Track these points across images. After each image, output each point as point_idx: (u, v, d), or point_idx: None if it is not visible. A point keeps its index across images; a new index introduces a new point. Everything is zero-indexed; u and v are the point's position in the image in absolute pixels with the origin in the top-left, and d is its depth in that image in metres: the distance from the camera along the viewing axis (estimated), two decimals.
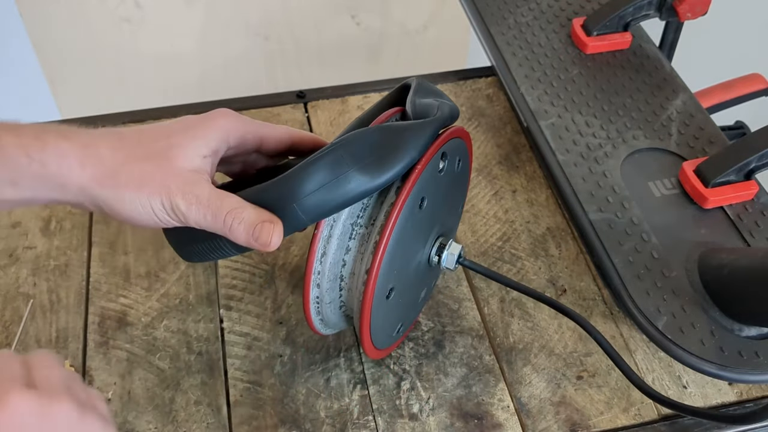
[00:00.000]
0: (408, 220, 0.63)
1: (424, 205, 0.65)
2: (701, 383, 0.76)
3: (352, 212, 0.64)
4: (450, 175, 0.69)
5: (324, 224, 0.63)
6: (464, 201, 0.80)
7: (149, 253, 0.86)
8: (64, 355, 0.77)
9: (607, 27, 0.99)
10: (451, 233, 0.77)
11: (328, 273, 0.65)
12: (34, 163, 0.56)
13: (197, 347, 0.78)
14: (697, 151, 0.87)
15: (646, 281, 0.75)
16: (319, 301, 0.67)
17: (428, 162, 0.63)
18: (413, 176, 0.62)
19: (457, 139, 0.69)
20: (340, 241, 0.65)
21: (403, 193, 0.61)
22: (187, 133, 0.61)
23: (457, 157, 0.70)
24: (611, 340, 0.79)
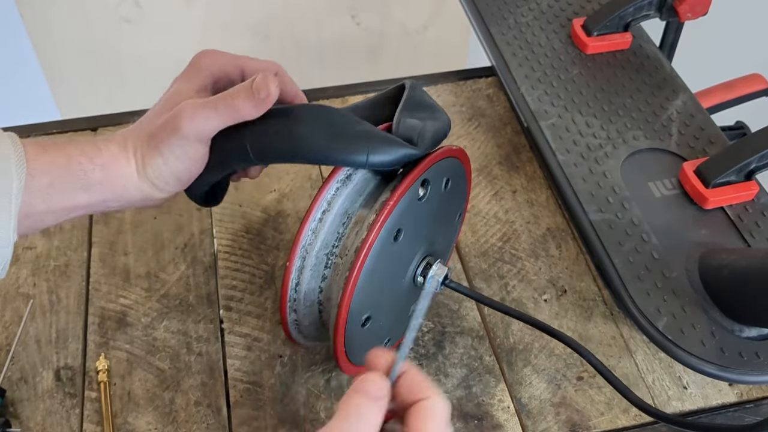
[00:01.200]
0: (382, 254, 0.62)
1: (401, 237, 0.64)
2: (701, 384, 0.76)
3: (326, 242, 0.64)
4: (435, 199, 0.68)
5: (296, 255, 0.63)
6: (462, 214, 0.78)
7: (149, 254, 0.86)
8: (64, 356, 0.77)
9: (608, 27, 0.99)
10: (444, 249, 0.76)
11: (303, 300, 0.65)
12: (96, 168, 0.61)
13: (197, 348, 0.78)
14: (697, 152, 0.87)
15: (646, 282, 0.75)
16: (298, 324, 0.68)
17: (402, 195, 0.61)
18: (384, 212, 0.60)
19: (444, 160, 0.67)
20: (314, 271, 0.64)
21: (373, 229, 0.60)
22: (178, 80, 0.67)
23: (445, 178, 0.68)
24: (611, 340, 0.79)
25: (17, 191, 0.57)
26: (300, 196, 0.91)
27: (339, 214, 0.64)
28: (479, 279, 0.84)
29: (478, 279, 0.84)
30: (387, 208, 0.60)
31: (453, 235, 0.78)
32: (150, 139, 0.62)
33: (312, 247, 0.63)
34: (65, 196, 0.60)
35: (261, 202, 0.91)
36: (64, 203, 0.61)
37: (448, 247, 0.78)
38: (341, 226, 0.64)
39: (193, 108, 0.61)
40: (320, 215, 0.63)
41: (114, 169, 0.62)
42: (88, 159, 0.61)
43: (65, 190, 0.60)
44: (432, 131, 0.64)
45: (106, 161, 0.61)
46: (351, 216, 0.64)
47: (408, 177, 0.62)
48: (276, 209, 0.90)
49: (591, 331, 0.80)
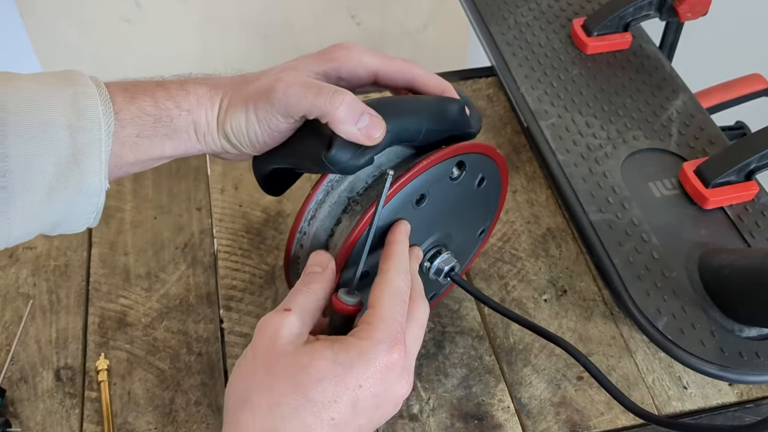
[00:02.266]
0: (400, 212, 0.62)
1: (423, 203, 0.64)
2: (702, 384, 0.76)
3: (352, 186, 0.64)
4: (466, 189, 0.68)
5: (320, 188, 0.63)
6: (485, 232, 0.77)
7: (149, 254, 0.86)
8: (65, 356, 0.77)
9: (608, 27, 0.99)
10: (460, 253, 0.74)
11: (313, 237, 0.65)
12: (183, 113, 0.60)
13: (197, 348, 0.78)
14: (697, 152, 0.87)
15: (646, 282, 0.75)
16: (299, 262, 0.67)
17: (437, 162, 0.62)
18: (415, 168, 0.61)
19: (484, 156, 0.67)
20: (332, 209, 0.64)
21: (399, 180, 0.61)
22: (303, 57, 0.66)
23: (480, 174, 0.68)
24: (611, 340, 0.79)
25: (107, 138, 0.57)
26: (300, 196, 0.91)
27: (373, 165, 0.63)
28: (479, 279, 0.84)
29: (478, 279, 0.84)
30: (418, 167, 0.61)
31: (471, 247, 0.77)
32: (241, 92, 0.61)
33: (338, 185, 0.64)
34: (152, 145, 0.60)
35: (261, 202, 0.91)
36: (151, 153, 0.60)
37: (464, 256, 0.77)
38: (371, 177, 0.64)
39: (294, 80, 0.59)
40: None
41: (198, 115, 0.61)
42: (175, 104, 0.60)
43: (152, 138, 0.60)
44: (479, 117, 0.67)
45: (192, 106, 0.61)
46: (383, 170, 0.64)
47: (448, 148, 0.63)
48: (276, 209, 0.90)
49: (591, 331, 0.80)
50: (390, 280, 0.58)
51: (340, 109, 0.58)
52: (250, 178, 0.92)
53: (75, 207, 0.58)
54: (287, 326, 0.55)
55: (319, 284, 0.59)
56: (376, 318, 0.55)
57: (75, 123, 0.56)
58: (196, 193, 0.92)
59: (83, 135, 0.56)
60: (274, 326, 0.55)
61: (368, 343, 0.54)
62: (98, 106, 0.57)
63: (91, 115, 0.56)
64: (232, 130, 0.61)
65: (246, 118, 0.60)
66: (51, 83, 0.57)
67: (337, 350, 0.53)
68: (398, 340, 0.55)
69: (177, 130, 0.60)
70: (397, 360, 0.54)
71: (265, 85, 0.60)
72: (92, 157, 0.56)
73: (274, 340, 0.55)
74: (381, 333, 0.54)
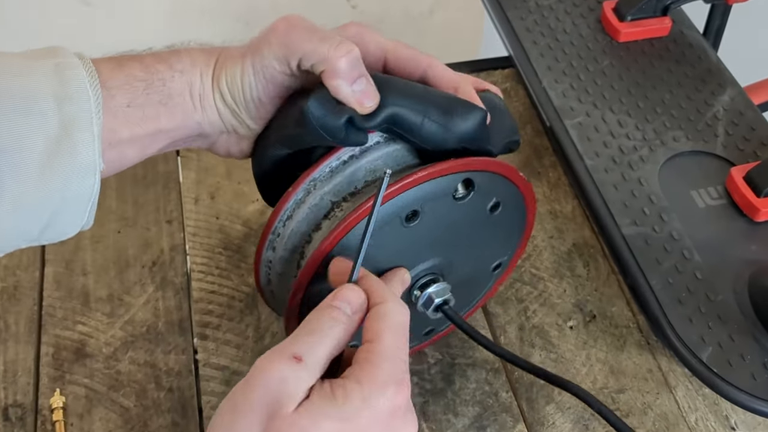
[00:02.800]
0: (384, 227, 0.62)
1: (415, 221, 0.64)
2: (752, 424, 0.76)
3: (338, 188, 0.64)
4: (475, 213, 0.67)
5: (301, 186, 0.64)
6: (502, 268, 0.77)
7: (111, 274, 0.86)
8: (13, 392, 0.77)
9: (643, 11, 0.99)
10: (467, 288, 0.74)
11: (287, 240, 0.65)
12: (176, 74, 0.64)
13: (167, 382, 0.78)
14: (747, 155, 0.87)
15: (688, 306, 0.75)
16: (270, 266, 0.67)
17: (437, 175, 0.62)
18: (408, 179, 0.61)
19: (500, 177, 0.67)
20: (312, 212, 0.64)
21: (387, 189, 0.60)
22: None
23: (494, 198, 0.68)
24: (647, 374, 0.79)
25: (96, 109, 0.60)
26: None
27: (366, 169, 0.64)
28: (494, 302, 0.84)
29: (492, 303, 0.84)
30: (412, 178, 0.61)
31: (480, 286, 0.77)
32: (239, 48, 0.65)
33: (322, 185, 0.64)
34: (146, 115, 0.63)
35: (241, 214, 0.92)
36: (147, 126, 0.63)
37: (469, 295, 0.77)
38: (361, 182, 0.65)
39: (297, 22, 0.63)
40: (347, 158, 0.64)
41: (193, 75, 0.65)
42: (167, 66, 0.64)
43: (145, 107, 0.63)
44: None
45: (186, 67, 0.65)
46: (378, 177, 0.64)
47: (451, 162, 0.63)
48: (259, 222, 0.91)
49: (624, 363, 0.80)
50: (389, 312, 0.57)
51: (342, 60, 0.60)
52: (229, 186, 0.93)
53: (69, 191, 0.60)
54: (294, 383, 0.53)
55: (344, 330, 0.57)
56: (378, 356, 0.55)
57: (60, 92, 0.59)
58: (166, 204, 0.93)
59: (71, 105, 0.59)
60: (279, 379, 0.53)
61: (372, 387, 0.53)
62: (83, 76, 0.60)
63: (76, 84, 0.60)
64: (227, 83, 0.64)
65: (241, 68, 0.64)
66: (30, 56, 0.61)
67: (341, 403, 0.53)
68: (403, 381, 0.55)
69: (171, 95, 0.64)
70: (401, 403, 0.54)
71: (262, 35, 0.64)
72: (83, 128, 0.59)
73: (275, 397, 0.53)
74: (385, 374, 0.54)
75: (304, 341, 0.55)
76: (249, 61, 0.64)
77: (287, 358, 0.54)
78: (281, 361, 0.53)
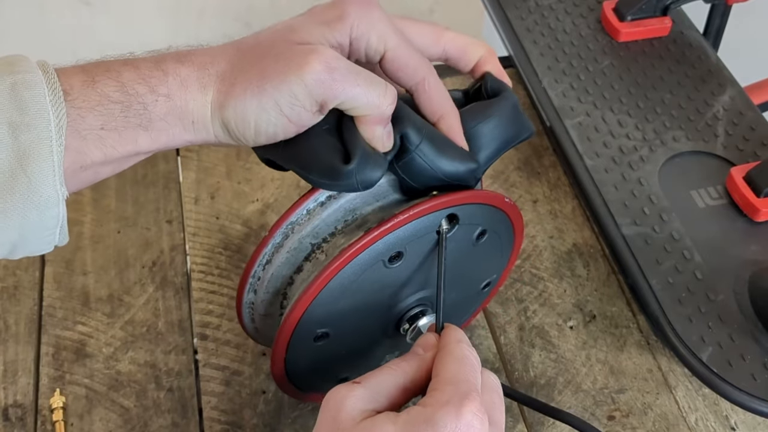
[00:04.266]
0: (368, 270, 0.62)
1: (398, 262, 0.63)
2: (752, 424, 0.76)
3: (317, 231, 0.64)
4: (460, 244, 0.66)
5: (279, 230, 0.63)
6: (492, 286, 0.76)
7: (111, 274, 0.86)
8: (13, 392, 0.77)
9: (643, 11, 0.99)
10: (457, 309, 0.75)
11: (267, 283, 0.65)
12: (160, 98, 0.56)
13: (167, 382, 0.79)
14: (747, 155, 0.87)
15: (688, 306, 0.75)
16: (253, 308, 0.67)
17: (417, 216, 0.61)
18: (389, 223, 0.60)
19: (483, 206, 0.66)
20: (291, 255, 0.64)
21: (367, 236, 0.60)
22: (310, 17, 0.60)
23: (479, 228, 0.67)
24: (647, 374, 0.79)
25: (58, 136, 0.53)
26: (287, 206, 0.92)
27: (344, 209, 0.63)
28: (494, 303, 0.84)
29: (493, 303, 0.84)
30: (393, 222, 0.60)
31: (470, 305, 0.77)
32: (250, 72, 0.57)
33: (300, 229, 0.63)
34: (123, 139, 0.56)
35: (241, 214, 0.92)
36: (123, 149, 0.56)
37: (459, 315, 0.77)
38: (341, 222, 0.64)
39: (335, 61, 0.56)
40: (324, 199, 0.63)
41: (181, 100, 0.57)
42: (149, 88, 0.56)
43: (122, 131, 0.56)
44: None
45: (172, 90, 0.56)
46: (357, 216, 0.64)
47: (434, 200, 0.61)
48: (259, 222, 0.91)
49: (624, 363, 0.80)
50: (452, 350, 0.58)
51: (389, 108, 0.58)
52: (229, 185, 0.93)
53: (27, 222, 0.55)
54: (352, 399, 0.54)
55: (410, 364, 0.58)
56: (441, 382, 0.55)
57: (16, 119, 0.52)
58: (167, 204, 0.93)
59: (27, 133, 0.52)
60: (339, 398, 0.55)
61: (434, 408, 0.53)
62: (45, 97, 0.53)
63: (35, 108, 0.53)
64: (235, 118, 0.57)
65: (258, 105, 0.56)
66: None
67: (402, 423, 0.53)
68: (468, 397, 0.53)
69: (153, 119, 0.56)
70: (471, 421, 0.52)
71: (295, 61, 0.56)
72: (41, 159, 0.53)
73: (336, 413, 0.54)
74: (447, 395, 0.54)
75: (371, 372, 0.57)
76: (270, 99, 0.56)
77: (347, 384, 0.56)
78: (342, 386, 0.56)
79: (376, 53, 0.61)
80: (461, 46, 0.64)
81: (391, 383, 0.57)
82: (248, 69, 0.57)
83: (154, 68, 0.57)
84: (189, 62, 0.58)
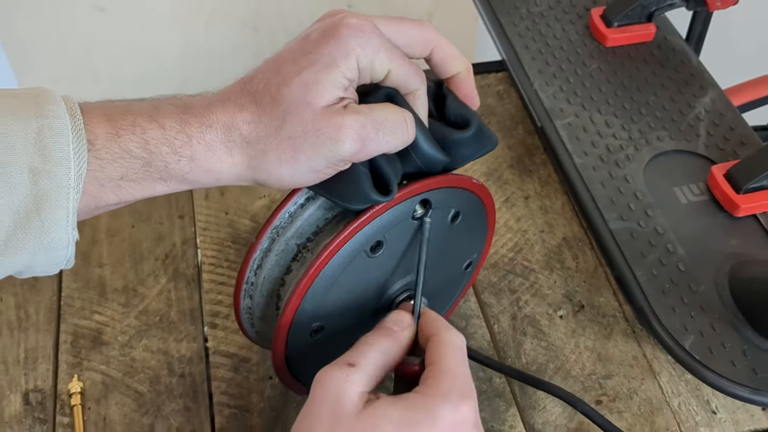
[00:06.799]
0: (352, 262, 0.62)
1: (380, 251, 0.63)
2: (732, 408, 0.77)
3: (300, 231, 0.63)
4: (436, 225, 0.66)
5: (265, 235, 0.63)
6: (474, 265, 0.76)
7: (127, 266, 0.86)
8: (34, 378, 0.77)
9: (629, 17, 0.99)
10: (439, 294, 0.74)
11: (261, 286, 0.65)
12: (183, 159, 0.55)
13: (179, 369, 0.79)
14: (727, 154, 0.87)
15: (671, 296, 0.75)
16: (251, 313, 0.67)
17: (390, 207, 0.61)
18: (365, 216, 0.60)
19: (458, 189, 0.66)
20: (280, 258, 0.64)
21: (346, 230, 0.60)
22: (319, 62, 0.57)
23: (452, 210, 0.67)
24: (633, 361, 0.79)
25: (76, 182, 0.52)
26: None
27: (324, 207, 0.63)
28: (488, 293, 0.84)
29: (487, 293, 0.84)
30: (369, 213, 0.60)
31: (456, 285, 0.77)
32: (281, 142, 0.56)
33: (284, 231, 0.63)
34: (141, 188, 0.55)
35: (249, 209, 0.92)
36: (138, 195, 0.56)
37: (447, 296, 0.77)
38: (322, 221, 0.64)
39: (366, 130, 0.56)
40: (303, 201, 0.63)
41: (206, 163, 0.56)
42: (172, 150, 0.54)
43: (141, 182, 0.55)
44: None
45: (197, 154, 0.55)
46: (336, 213, 0.64)
47: (406, 188, 0.61)
48: (266, 217, 0.91)
49: (611, 351, 0.80)
50: (444, 338, 0.58)
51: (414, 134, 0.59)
52: None
53: (36, 260, 0.53)
54: (351, 384, 0.54)
55: (392, 343, 0.58)
56: (439, 372, 0.55)
57: (38, 165, 0.51)
58: (178, 200, 0.92)
59: (47, 180, 0.51)
60: (338, 383, 0.54)
61: (434, 399, 0.53)
62: (69, 146, 0.51)
63: (58, 156, 0.51)
64: (269, 180, 0.57)
65: (294, 170, 0.56)
66: (12, 110, 0.52)
67: (402, 409, 0.53)
68: (466, 396, 0.54)
69: (173, 175, 0.55)
70: (467, 415, 0.53)
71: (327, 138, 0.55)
72: (57, 206, 0.52)
73: (337, 399, 0.54)
74: (446, 386, 0.54)
75: (356, 351, 0.57)
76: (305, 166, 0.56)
77: (341, 366, 0.55)
78: (336, 369, 0.55)
79: (380, 76, 0.60)
80: (444, 58, 0.63)
81: (379, 362, 0.57)
82: (276, 135, 0.56)
83: (180, 131, 0.55)
84: (215, 126, 0.56)
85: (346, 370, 0.55)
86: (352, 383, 0.54)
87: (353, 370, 0.55)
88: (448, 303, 0.78)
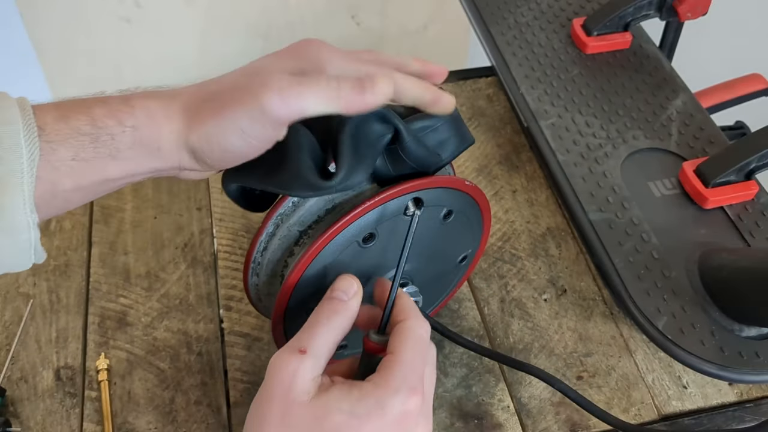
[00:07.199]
0: (345, 250, 0.62)
1: (372, 242, 0.63)
2: (701, 383, 0.76)
3: (302, 219, 0.63)
4: (428, 222, 0.65)
5: (270, 221, 0.63)
6: (469, 259, 0.75)
7: (149, 254, 0.86)
8: (64, 355, 0.77)
9: (608, 27, 0.99)
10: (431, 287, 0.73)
11: (266, 267, 0.65)
12: (127, 129, 0.54)
13: (197, 347, 0.78)
14: (697, 151, 0.87)
15: (646, 281, 0.75)
16: (258, 289, 0.67)
17: (382, 202, 0.60)
18: (359, 209, 0.59)
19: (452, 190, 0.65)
20: (283, 242, 0.63)
21: (340, 220, 0.59)
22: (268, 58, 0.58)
23: (445, 209, 0.66)
24: (611, 340, 0.79)
25: (29, 167, 0.51)
26: None
27: (325, 199, 0.63)
28: (479, 278, 0.84)
29: (477, 278, 0.84)
30: (361, 208, 0.59)
31: (451, 277, 0.76)
32: (212, 101, 0.55)
33: (288, 219, 0.63)
34: (93, 169, 0.54)
35: None
36: (93, 177, 0.54)
37: (443, 285, 0.76)
38: (322, 211, 0.63)
39: (285, 80, 0.54)
40: None
41: (148, 130, 0.54)
42: (116, 121, 0.54)
43: (92, 161, 0.53)
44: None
45: (139, 122, 0.54)
46: (335, 205, 0.63)
47: (397, 187, 0.60)
48: None
49: (591, 331, 0.80)
50: (410, 327, 0.56)
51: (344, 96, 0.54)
52: None
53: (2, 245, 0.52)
54: (302, 372, 0.53)
55: (341, 318, 0.56)
56: (396, 364, 0.54)
57: None
58: (196, 193, 0.92)
59: (1, 166, 0.50)
60: (290, 371, 0.52)
61: (385, 391, 0.52)
62: (19, 133, 0.51)
63: (9, 143, 0.50)
64: (200, 141, 0.55)
65: (220, 130, 0.54)
66: None
67: (354, 400, 0.52)
68: (416, 389, 0.53)
69: (120, 149, 0.54)
70: (413, 408, 0.53)
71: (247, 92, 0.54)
72: (12, 189, 0.51)
73: (289, 386, 0.52)
74: (398, 381, 0.53)
75: (307, 334, 0.55)
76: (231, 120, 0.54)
77: (294, 352, 0.53)
78: (289, 356, 0.53)
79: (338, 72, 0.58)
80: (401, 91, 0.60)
81: (331, 342, 0.55)
82: (210, 100, 0.55)
83: (123, 104, 0.55)
84: (158, 97, 0.56)
85: (298, 357, 0.53)
86: (304, 370, 0.53)
87: (305, 357, 0.53)
88: (445, 292, 0.77)
